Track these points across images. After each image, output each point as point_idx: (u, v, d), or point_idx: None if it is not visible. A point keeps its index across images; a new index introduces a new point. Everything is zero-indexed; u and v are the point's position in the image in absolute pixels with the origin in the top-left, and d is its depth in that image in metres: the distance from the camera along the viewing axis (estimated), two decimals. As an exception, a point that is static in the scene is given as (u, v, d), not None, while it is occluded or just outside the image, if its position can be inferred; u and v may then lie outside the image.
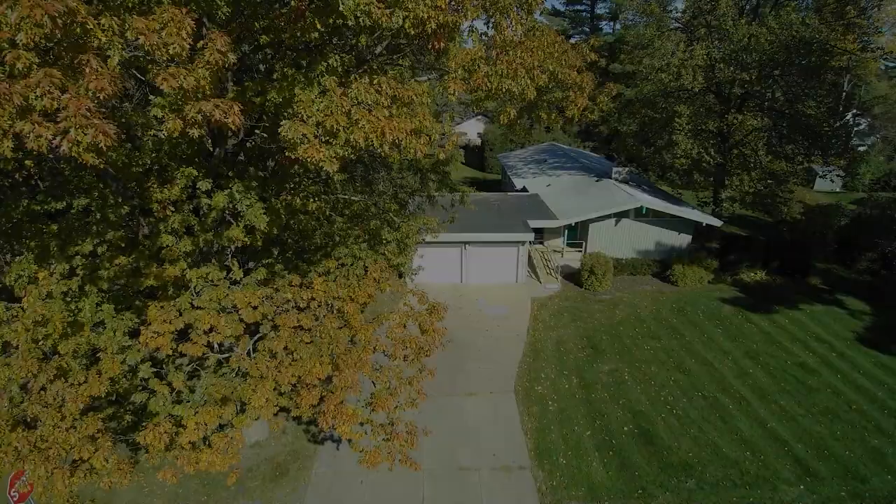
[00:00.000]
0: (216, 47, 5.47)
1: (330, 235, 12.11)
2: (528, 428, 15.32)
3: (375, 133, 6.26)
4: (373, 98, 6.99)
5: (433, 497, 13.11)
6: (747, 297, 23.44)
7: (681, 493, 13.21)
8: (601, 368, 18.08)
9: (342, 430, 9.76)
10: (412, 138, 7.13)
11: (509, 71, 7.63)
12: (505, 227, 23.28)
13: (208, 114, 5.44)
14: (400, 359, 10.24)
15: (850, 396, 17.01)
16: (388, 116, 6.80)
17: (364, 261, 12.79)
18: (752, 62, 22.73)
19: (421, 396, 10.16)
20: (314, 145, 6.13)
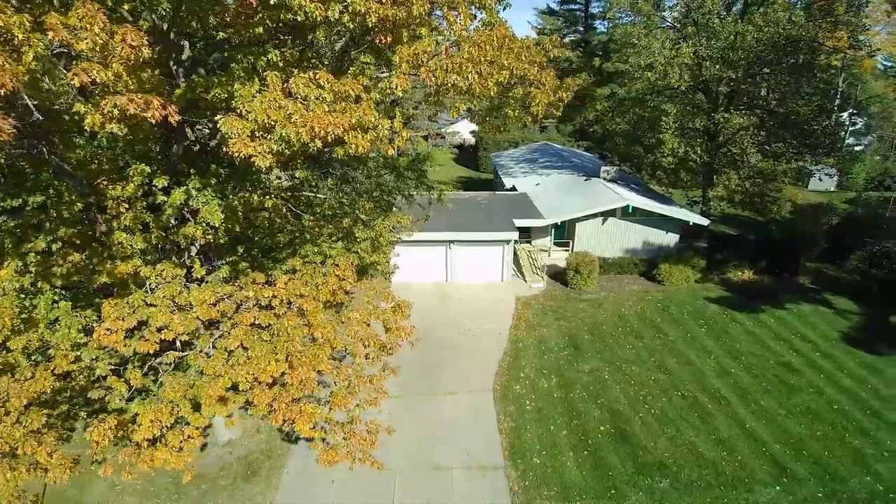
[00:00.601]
0: (128, 42, 5.38)
1: (296, 233, 12.01)
2: (504, 427, 15.21)
3: (304, 128, 6.15)
4: (315, 93, 6.90)
5: (404, 496, 13.01)
6: (734, 296, 23.27)
7: (654, 494, 13.07)
8: (581, 368, 17.95)
9: (301, 428, 9.68)
10: (354, 134, 7.03)
11: (453, 66, 7.53)
12: (489, 226, 23.18)
13: (122, 108, 5.35)
14: (361, 357, 10.13)
15: (833, 396, 16.84)
16: (328, 112, 6.69)
17: (334, 259, 12.69)
18: (739, 60, 22.56)
19: (382, 395, 10.05)
20: (243, 140, 6.04)
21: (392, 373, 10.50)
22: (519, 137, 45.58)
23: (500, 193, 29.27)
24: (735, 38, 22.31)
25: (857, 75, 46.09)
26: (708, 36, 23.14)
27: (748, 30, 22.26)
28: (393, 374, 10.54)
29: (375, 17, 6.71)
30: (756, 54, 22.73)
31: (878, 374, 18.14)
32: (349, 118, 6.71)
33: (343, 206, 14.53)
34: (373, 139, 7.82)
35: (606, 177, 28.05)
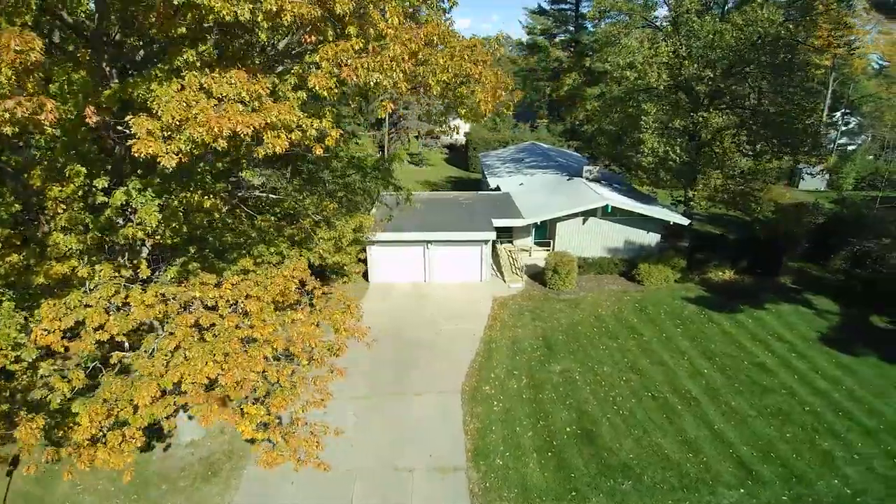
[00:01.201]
0: (12, 47, 5.30)
1: (246, 234, 11.92)
2: (469, 428, 15.10)
3: (204, 128, 6.08)
4: (235, 92, 6.83)
5: (363, 497, 12.92)
6: (713, 296, 23.12)
7: (615, 496, 12.95)
8: (553, 368, 17.83)
9: (243, 429, 9.61)
10: (273, 133, 6.96)
11: (374, 64, 7.44)
12: (467, 226, 23.09)
13: (11, 111, 5.29)
14: (304, 358, 10.04)
15: (805, 398, 16.70)
16: (244, 111, 6.62)
17: (291, 259, 12.63)
18: (718, 59, 22.40)
19: (326, 396, 9.95)
20: (145, 140, 5.98)
21: (339, 374, 10.41)
22: (509, 137, 45.53)
23: (484, 193, 29.18)
24: (714, 36, 22.15)
25: (849, 74, 45.82)
26: (687, 35, 23.00)
27: (726, 28, 22.10)
28: (340, 375, 10.45)
29: (290, 16, 6.63)
30: (735, 53, 22.57)
31: (853, 374, 17.99)
32: (263, 118, 6.63)
33: (304, 207, 14.48)
34: (299, 139, 7.76)
35: (589, 176, 27.93)
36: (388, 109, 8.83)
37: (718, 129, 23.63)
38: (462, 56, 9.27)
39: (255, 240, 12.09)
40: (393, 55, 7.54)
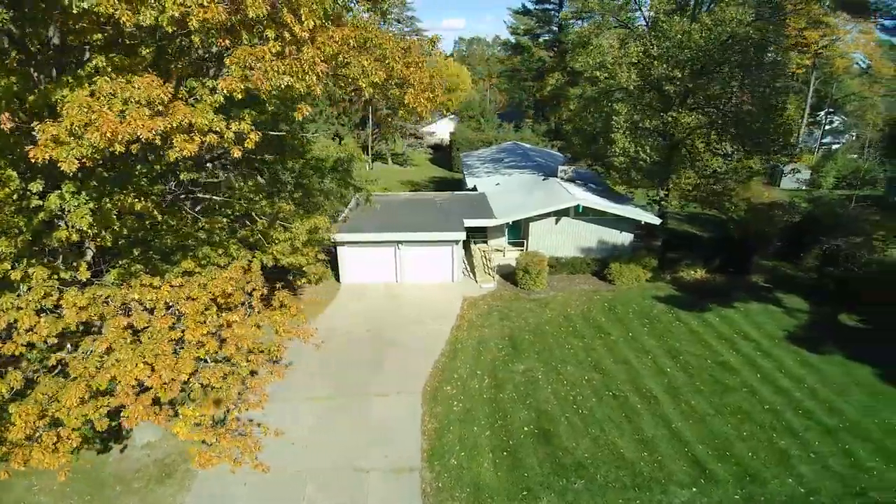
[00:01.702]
0: None
1: (190, 235, 11.89)
2: (427, 429, 15.10)
3: (98, 133, 6.08)
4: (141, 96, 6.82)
5: (315, 498, 12.90)
6: (683, 295, 23.20)
7: (566, 495, 12.97)
8: (516, 368, 17.85)
9: (178, 430, 9.61)
10: (183, 137, 6.96)
11: (284, 67, 7.43)
12: (437, 226, 23.10)
13: None
14: (243, 360, 10.02)
15: (767, 396, 16.75)
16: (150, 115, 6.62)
17: (240, 261, 12.60)
18: (686, 60, 22.47)
19: (263, 398, 9.93)
20: (42, 147, 5.99)
21: (278, 375, 10.38)
22: (492, 137, 45.57)
23: (460, 193, 29.21)
24: (683, 37, 22.23)
25: (830, 73, 46.02)
26: (657, 35, 23.07)
27: (695, 28, 22.18)
28: (279, 376, 10.42)
29: (197, 21, 6.63)
30: (705, 53, 22.65)
31: (817, 373, 18.06)
32: (168, 122, 6.63)
33: (261, 208, 14.45)
34: (217, 141, 7.75)
35: (564, 176, 27.99)
36: (304, 113, 8.78)
37: (689, 129, 23.68)
38: (394, 58, 9.28)
39: (200, 241, 12.06)
40: (306, 58, 7.54)
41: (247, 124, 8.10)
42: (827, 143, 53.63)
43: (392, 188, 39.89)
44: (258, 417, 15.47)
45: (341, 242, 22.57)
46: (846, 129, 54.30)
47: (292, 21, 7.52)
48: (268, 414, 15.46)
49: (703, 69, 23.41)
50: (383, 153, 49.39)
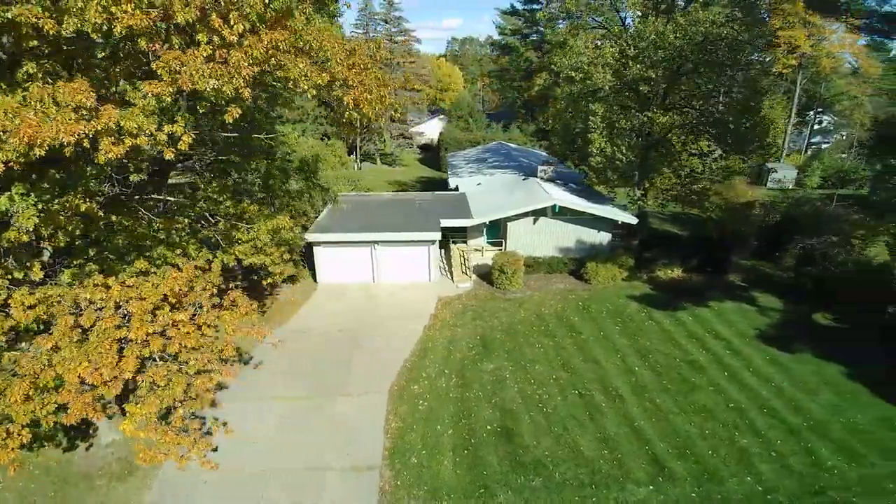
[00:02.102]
0: None
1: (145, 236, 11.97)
2: (390, 427, 15.18)
3: (17, 138, 6.18)
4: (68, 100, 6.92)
5: (273, 497, 12.97)
6: (658, 294, 23.26)
7: (523, 493, 13.05)
8: (485, 367, 17.93)
9: (124, 427, 9.70)
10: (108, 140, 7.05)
11: (208, 71, 7.53)
12: (413, 226, 23.18)
13: None
14: (191, 359, 10.11)
15: (732, 395, 16.82)
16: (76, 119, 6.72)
17: (197, 260, 12.70)
18: (660, 60, 22.53)
19: (208, 395, 10.02)
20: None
21: (228, 374, 10.46)
22: (480, 137, 45.65)
23: (441, 193, 29.29)
24: (657, 37, 22.29)
25: (817, 73, 46.02)
26: (632, 36, 23.15)
27: (668, 29, 22.24)
28: (229, 375, 10.50)
29: (122, 28, 6.73)
30: (679, 53, 22.70)
31: (786, 372, 18.13)
32: (93, 126, 6.73)
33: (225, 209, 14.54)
34: (150, 143, 7.85)
35: (543, 176, 28.07)
36: (234, 115, 8.84)
37: (665, 129, 23.76)
38: (336, 60, 9.37)
39: (157, 242, 12.15)
40: (233, 62, 7.63)
41: (180, 126, 8.17)
42: (817, 143, 53.69)
43: (379, 188, 39.97)
44: (223, 416, 15.64)
45: (317, 243, 22.67)
46: (836, 129, 54.31)
47: (221, 26, 7.60)
48: (233, 413, 15.63)
49: (680, 70, 23.49)
50: (372, 153, 49.49)
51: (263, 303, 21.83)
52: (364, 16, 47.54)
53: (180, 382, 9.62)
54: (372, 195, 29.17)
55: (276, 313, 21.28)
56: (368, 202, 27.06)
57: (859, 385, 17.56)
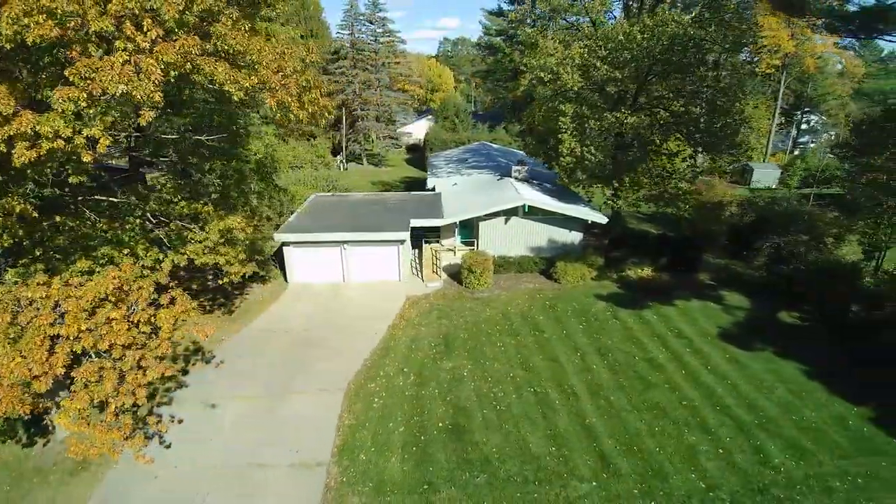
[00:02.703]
0: None
1: (90, 236, 12.19)
2: (343, 425, 15.37)
3: None
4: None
5: (218, 492, 13.14)
6: (626, 293, 23.41)
7: (467, 488, 13.22)
8: (444, 366, 18.10)
9: (61, 421, 9.94)
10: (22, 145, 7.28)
11: (117, 76, 7.74)
12: (381, 226, 23.37)
13: None
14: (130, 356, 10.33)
15: (687, 393, 16.95)
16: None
17: (144, 260, 12.92)
18: (628, 61, 22.67)
19: (140, 391, 10.24)
20: None
21: (166, 370, 10.68)
22: (466, 138, 45.83)
23: (416, 194, 29.50)
24: (623, 38, 22.44)
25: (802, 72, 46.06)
26: (599, 37, 23.30)
27: (634, 30, 22.39)
28: (167, 371, 10.72)
29: (34, 37, 6.94)
30: (647, 54, 22.83)
31: (743, 370, 18.26)
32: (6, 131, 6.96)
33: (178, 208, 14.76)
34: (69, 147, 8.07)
35: (518, 176, 28.25)
36: (147, 119, 9.03)
37: (633, 129, 23.88)
38: (262, 64, 9.58)
39: (103, 241, 12.36)
40: (143, 67, 7.84)
41: (98, 130, 8.38)
42: (804, 143, 53.73)
43: (363, 188, 40.23)
44: (180, 414, 15.93)
45: (287, 243, 22.89)
46: (824, 129, 54.33)
47: (133, 33, 7.80)
48: (191, 412, 15.92)
49: (652, 70, 23.61)
50: (358, 154, 49.73)
51: (232, 303, 22.06)
52: (349, 16, 47.80)
53: (111, 378, 9.82)
54: (346, 195, 29.39)
55: (244, 313, 21.50)
56: (342, 202, 27.29)
57: (817, 383, 17.69)
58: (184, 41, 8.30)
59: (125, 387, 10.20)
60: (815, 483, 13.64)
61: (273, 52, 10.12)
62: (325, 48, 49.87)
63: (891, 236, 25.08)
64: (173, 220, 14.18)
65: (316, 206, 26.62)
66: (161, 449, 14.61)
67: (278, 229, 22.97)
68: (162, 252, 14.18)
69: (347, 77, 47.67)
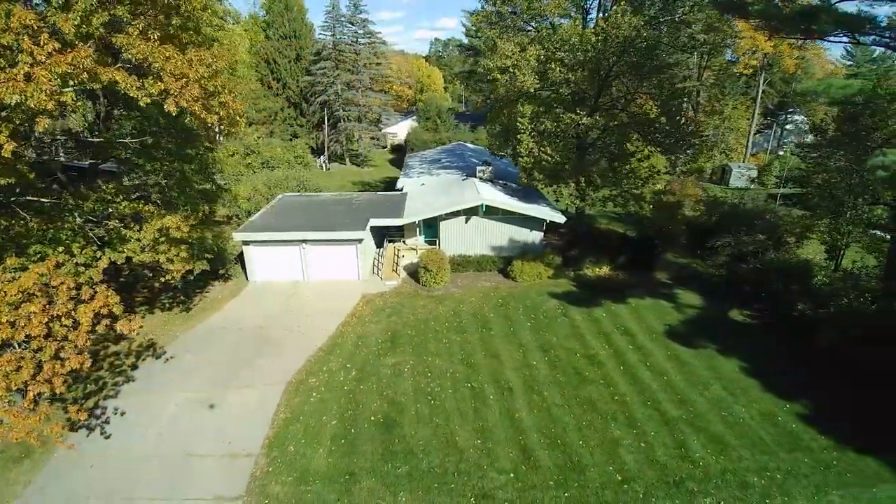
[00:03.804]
0: None
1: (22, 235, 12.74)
2: (278, 418, 15.84)
3: None
4: None
5: (149, 479, 13.63)
6: (581, 291, 23.74)
7: (386, 479, 13.63)
8: (386, 362, 18.54)
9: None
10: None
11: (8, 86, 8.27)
12: (339, 225, 23.85)
13: None
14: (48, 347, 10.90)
15: (621, 388, 17.27)
16: None
17: (78, 257, 13.48)
18: (580, 63, 23.01)
19: (57, 379, 10.79)
20: None
21: (79, 363, 11.21)
22: (446, 138, 46.26)
23: (382, 194, 29.99)
24: (576, 40, 22.79)
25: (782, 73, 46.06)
26: (555, 40, 23.65)
27: (587, 33, 22.73)
28: (80, 364, 11.24)
29: None
30: (602, 56, 23.16)
31: (682, 366, 18.55)
32: None
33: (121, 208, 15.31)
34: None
35: (482, 176, 28.63)
36: (43, 126, 9.54)
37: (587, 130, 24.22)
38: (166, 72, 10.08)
39: (36, 239, 12.91)
40: (36, 77, 8.38)
41: (3, 136, 8.91)
42: (789, 143, 53.65)
43: (344, 188, 40.79)
44: (123, 407, 16.49)
45: (247, 242, 23.43)
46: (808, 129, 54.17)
47: (30, 46, 8.33)
48: (135, 404, 16.48)
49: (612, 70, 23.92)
50: (340, 154, 50.26)
51: (192, 301, 22.64)
52: (331, 18, 48.36)
53: (28, 367, 10.37)
54: (313, 195, 29.93)
55: (201, 311, 22.06)
56: (308, 202, 27.82)
57: (753, 380, 17.97)
58: (76, 53, 8.80)
59: (41, 375, 10.73)
60: (731, 477, 13.90)
61: (181, 60, 10.60)
62: (308, 49, 50.51)
63: (849, 236, 25.21)
64: (113, 219, 14.71)
65: (281, 206, 27.20)
66: (101, 439, 15.17)
67: (238, 228, 23.52)
68: (100, 250, 14.72)
69: (329, 78, 48.26)
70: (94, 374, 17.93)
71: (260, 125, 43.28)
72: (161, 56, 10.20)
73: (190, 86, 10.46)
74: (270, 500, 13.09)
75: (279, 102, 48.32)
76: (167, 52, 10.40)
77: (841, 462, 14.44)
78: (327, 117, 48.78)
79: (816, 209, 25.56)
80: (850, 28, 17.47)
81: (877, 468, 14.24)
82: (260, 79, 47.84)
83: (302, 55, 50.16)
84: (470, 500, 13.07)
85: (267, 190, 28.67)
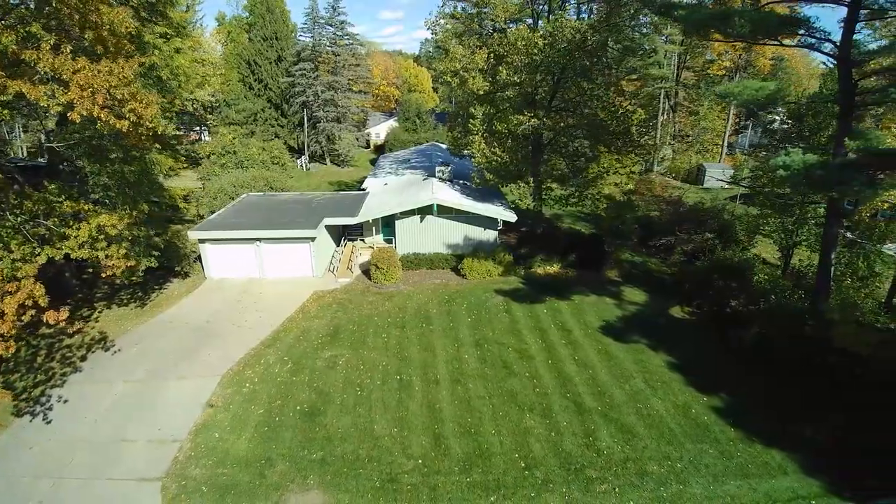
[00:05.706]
0: None
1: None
2: (208, 408, 16.66)
3: None
4: None
5: (80, 461, 14.43)
6: (527, 288, 24.36)
7: (300, 463, 14.37)
8: (322, 355, 19.29)
9: None
10: None
11: None
12: (293, 224, 24.65)
13: None
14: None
15: (546, 382, 17.88)
16: None
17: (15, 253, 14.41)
18: (526, 65, 23.62)
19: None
20: None
21: None
22: (424, 139, 46.95)
23: (343, 193, 30.78)
24: (521, 43, 23.40)
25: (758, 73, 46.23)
26: (503, 43, 24.28)
27: (534, 37, 23.34)
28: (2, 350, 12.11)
29: None
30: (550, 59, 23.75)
31: (609, 360, 19.13)
32: None
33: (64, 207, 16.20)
34: None
35: (441, 176, 29.30)
36: None
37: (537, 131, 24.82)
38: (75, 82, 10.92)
39: None
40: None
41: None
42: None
43: (321, 188, 41.65)
44: (66, 395, 17.37)
45: (203, 240, 24.30)
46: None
47: None
48: (78, 393, 17.35)
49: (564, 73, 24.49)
50: (321, 154, 51.11)
51: (148, 296, 23.56)
52: (310, 19, 49.21)
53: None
54: (275, 195, 30.77)
55: (155, 306, 22.96)
56: (268, 201, 28.66)
57: (677, 374, 18.53)
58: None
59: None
60: (631, 466, 14.48)
61: (91, 70, 11.40)
62: (289, 50, 51.41)
63: (796, 235, 25.59)
64: (52, 217, 15.58)
65: (242, 205, 28.06)
66: (43, 424, 16.07)
67: (194, 227, 24.41)
68: (40, 247, 15.60)
69: (308, 79, 49.13)
70: (46, 364, 18.88)
71: (239, 126, 44.23)
72: (70, 69, 11.00)
73: (96, 95, 11.27)
74: (188, 481, 13.88)
75: (260, 103, 49.30)
76: (78, 65, 11.21)
77: (745, 454, 14.96)
78: (307, 118, 49.66)
79: (764, 208, 26.00)
80: (767, 32, 18.02)
81: (781, 461, 14.73)
82: (241, 79, 48.87)
83: (283, 56, 51.12)
84: (375, 483, 13.78)
85: (233, 189, 29.56)
